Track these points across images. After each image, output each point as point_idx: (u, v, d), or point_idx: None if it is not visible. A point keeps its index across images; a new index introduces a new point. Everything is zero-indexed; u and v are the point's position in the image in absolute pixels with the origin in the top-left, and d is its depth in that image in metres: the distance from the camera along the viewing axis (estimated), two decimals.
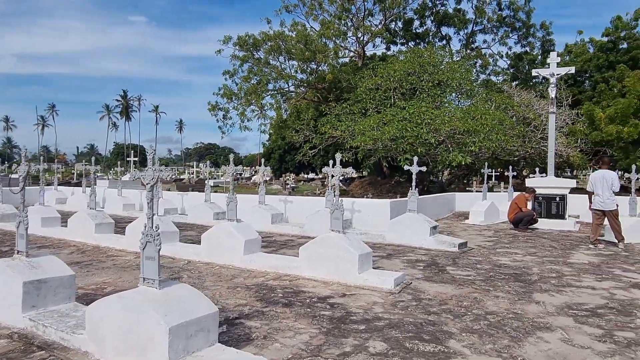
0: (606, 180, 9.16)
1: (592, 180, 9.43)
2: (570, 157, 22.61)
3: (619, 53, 30.93)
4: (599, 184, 9.23)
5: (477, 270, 6.97)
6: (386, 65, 21.15)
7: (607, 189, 9.11)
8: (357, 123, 19.21)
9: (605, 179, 9.17)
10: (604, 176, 9.21)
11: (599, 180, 9.24)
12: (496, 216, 13.48)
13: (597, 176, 9.35)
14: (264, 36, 22.25)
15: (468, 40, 29.26)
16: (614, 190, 9.17)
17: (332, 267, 6.11)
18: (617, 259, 8.04)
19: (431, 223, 9.12)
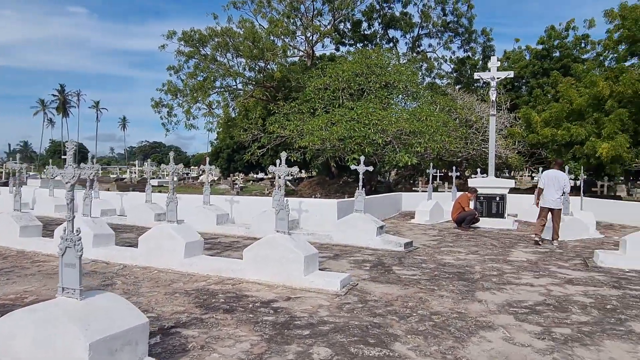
0: (558, 180, 9.56)
1: (545, 179, 9.70)
2: (508, 158, 23.69)
3: (552, 60, 32.87)
4: (550, 183, 9.58)
5: (423, 269, 7.01)
6: (335, 65, 21.20)
7: (558, 189, 9.52)
8: (306, 123, 19.10)
9: (557, 179, 9.56)
10: (556, 176, 9.60)
11: (551, 180, 9.60)
12: (440, 215, 13.79)
13: (550, 175, 9.67)
14: (211, 32, 21.65)
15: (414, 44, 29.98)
16: (565, 191, 9.60)
17: (277, 270, 5.92)
18: (553, 256, 8.39)
19: (378, 223, 9.13)
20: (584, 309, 5.08)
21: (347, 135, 17.72)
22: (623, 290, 5.94)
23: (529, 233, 11.29)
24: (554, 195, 9.55)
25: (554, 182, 9.53)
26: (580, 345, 4.00)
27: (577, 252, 8.76)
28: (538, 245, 9.47)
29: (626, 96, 13.80)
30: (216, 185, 39.47)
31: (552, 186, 9.54)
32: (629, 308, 5.14)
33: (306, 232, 9.72)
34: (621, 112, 13.64)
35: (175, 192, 6.96)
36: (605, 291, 5.89)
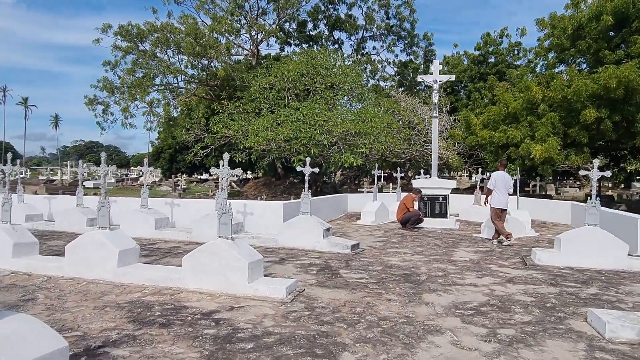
0: (506, 181, 9.82)
1: (495, 180, 9.84)
2: (449, 159, 24.51)
3: (488, 66, 34.49)
4: (501, 184, 9.79)
5: (370, 272, 6.94)
6: (280, 65, 20.94)
7: (507, 189, 9.78)
8: (251, 123, 18.70)
9: (506, 180, 9.83)
10: (504, 177, 9.85)
11: (500, 181, 9.81)
12: (386, 216, 13.91)
13: (499, 177, 9.86)
14: (150, 27, 20.67)
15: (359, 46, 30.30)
16: (510, 192, 9.88)
17: (220, 278, 5.60)
18: (493, 255, 8.63)
19: (324, 225, 9.00)
20: (526, 308, 5.18)
21: (292, 136, 17.52)
22: (560, 288, 6.15)
23: (471, 232, 11.64)
24: (506, 195, 9.82)
25: (503, 183, 9.79)
26: (525, 346, 4.03)
27: (516, 251, 9.08)
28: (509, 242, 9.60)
29: (556, 101, 14.60)
30: (157, 187, 37.94)
31: (503, 187, 9.79)
32: (566, 305, 5.30)
33: (251, 236, 9.41)
34: (552, 116, 14.41)
35: (107, 195, 6.44)
36: (544, 289, 6.07)
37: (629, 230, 8.80)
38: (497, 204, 9.82)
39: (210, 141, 20.03)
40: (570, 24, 15.86)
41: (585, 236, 7.54)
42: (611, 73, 12.81)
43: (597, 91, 13.42)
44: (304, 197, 9.08)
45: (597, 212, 7.54)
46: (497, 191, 9.78)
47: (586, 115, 13.37)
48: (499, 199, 9.81)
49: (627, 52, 14.32)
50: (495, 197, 9.83)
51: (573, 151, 14.70)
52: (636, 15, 14.31)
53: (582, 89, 13.29)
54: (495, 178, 9.84)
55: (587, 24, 15.34)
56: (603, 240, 7.43)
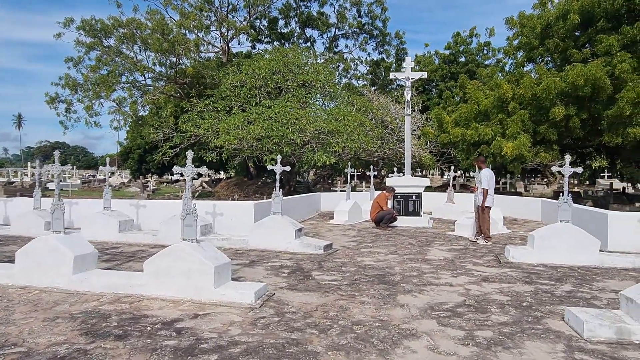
0: (494, 178, 9.68)
1: (488, 179, 9.55)
2: (422, 157, 24.59)
3: (459, 65, 34.91)
4: (493, 182, 9.62)
5: (343, 273, 6.71)
6: (251, 62, 20.52)
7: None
8: (222, 121, 18.21)
9: (493, 177, 9.69)
10: (492, 175, 9.71)
11: (492, 179, 9.63)
12: (359, 215, 13.75)
13: (491, 175, 9.66)
14: (115, 22, 19.92)
15: (331, 44, 30.13)
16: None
17: (184, 283, 5.26)
18: (467, 253, 8.54)
19: (296, 225, 8.73)
20: (502, 308, 5.04)
21: (264, 135, 17.15)
22: (535, 286, 6.07)
23: (444, 230, 11.57)
24: (493, 194, 9.70)
25: (492, 181, 9.65)
26: (503, 349, 3.87)
27: (489, 249, 9.02)
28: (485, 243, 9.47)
29: (526, 99, 14.75)
30: (126, 188, 36.84)
31: (493, 185, 9.65)
32: (542, 304, 5.20)
33: (220, 237, 9.05)
34: (522, 114, 14.54)
35: (61, 197, 6.00)
36: (519, 287, 5.98)
37: (599, 226, 8.87)
38: (490, 202, 9.62)
39: (179, 140, 19.43)
40: (538, 23, 16.09)
41: (558, 233, 7.51)
42: (579, 71, 13.01)
43: (565, 89, 13.61)
44: (274, 196, 8.79)
45: (569, 209, 7.52)
46: (491, 190, 9.60)
47: (555, 113, 13.55)
48: (491, 198, 9.62)
49: (594, 51, 14.60)
50: (489, 197, 9.58)
51: (542, 148, 14.90)
52: (601, 15, 14.59)
53: (551, 87, 13.46)
54: (489, 176, 9.59)
55: (555, 22, 15.59)
56: (575, 236, 7.42)
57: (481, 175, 9.56)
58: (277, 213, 8.74)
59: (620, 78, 13.34)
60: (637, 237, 8.38)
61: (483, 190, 9.53)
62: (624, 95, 12.74)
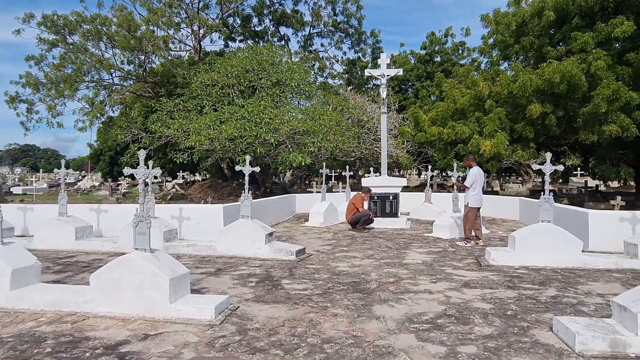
0: (482, 177, 9.29)
1: (476, 177, 9.14)
2: (399, 157, 24.36)
3: (435, 65, 34.94)
4: (480, 180, 9.20)
5: (315, 281, 6.24)
6: (223, 60, 19.89)
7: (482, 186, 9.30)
8: (192, 121, 17.55)
9: (482, 176, 9.31)
10: (481, 173, 9.30)
11: (480, 177, 9.22)
12: (335, 217, 13.31)
13: (479, 173, 9.24)
14: (78, 17, 19.00)
15: (306, 43, 29.65)
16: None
17: (136, 298, 4.71)
18: (446, 256, 8.18)
19: (267, 229, 8.22)
20: (486, 317, 4.65)
21: (237, 135, 16.58)
22: (518, 291, 5.72)
23: (422, 232, 11.22)
24: (481, 193, 9.28)
25: (481, 180, 9.24)
26: None
27: (469, 250, 8.69)
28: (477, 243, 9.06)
29: (502, 97, 14.57)
30: (95, 192, 35.59)
31: (480, 184, 9.21)
32: (528, 312, 4.83)
33: (186, 244, 8.47)
34: (499, 112, 14.36)
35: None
36: (502, 293, 5.61)
37: (580, 226, 8.64)
38: (477, 202, 9.14)
39: (149, 141, 18.67)
40: (514, 20, 15.97)
41: (540, 234, 7.21)
42: (555, 68, 12.87)
43: (541, 86, 13.47)
44: (243, 199, 8.26)
45: (550, 208, 7.23)
46: (478, 188, 9.14)
47: (532, 111, 13.39)
48: (477, 197, 9.15)
49: (569, 49, 14.54)
50: (476, 196, 9.11)
51: (519, 146, 14.75)
52: (576, 12, 14.53)
53: (528, 84, 13.29)
54: (476, 175, 9.15)
55: (530, 20, 15.49)
56: (557, 237, 7.13)
57: (469, 173, 9.23)
58: (247, 217, 8.22)
59: (596, 75, 13.27)
60: (617, 236, 8.16)
61: (462, 186, 9.22)
62: (600, 93, 12.66)
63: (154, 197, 8.78)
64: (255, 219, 8.40)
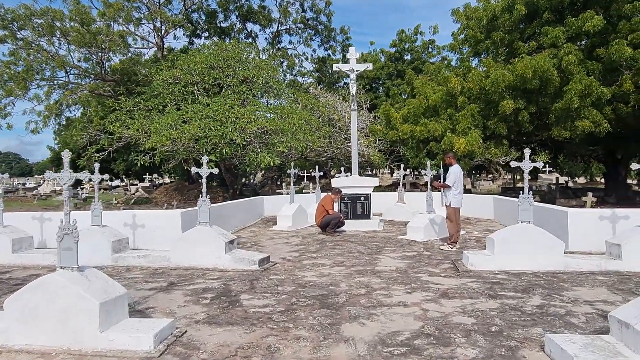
0: (462, 176, 8.75)
1: (459, 176, 8.56)
2: (371, 156, 23.90)
3: (405, 63, 34.75)
4: (461, 179, 8.65)
5: (278, 295, 5.58)
6: (186, 57, 18.96)
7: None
8: (154, 121, 16.58)
9: (462, 175, 8.77)
10: (461, 172, 8.75)
11: (461, 176, 8.65)
12: (305, 219, 12.68)
13: (460, 172, 8.66)
14: (27, 11, 17.72)
15: (274, 40, 28.88)
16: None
17: (59, 327, 3.95)
18: (421, 260, 7.64)
19: (227, 237, 7.50)
20: (469, 336, 4.09)
21: (201, 135, 15.72)
22: (501, 300, 5.21)
23: (396, 234, 10.69)
24: (462, 192, 8.73)
25: (462, 178, 8.69)
26: None
27: (445, 254, 8.19)
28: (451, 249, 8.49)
29: (474, 93, 14.25)
30: (56, 197, 33.86)
31: (461, 183, 8.65)
32: (514, 327, 4.31)
33: (137, 255, 7.66)
34: (472, 108, 14.03)
35: None
36: (484, 304, 5.09)
37: (559, 225, 8.26)
38: (459, 203, 8.59)
39: (107, 143, 17.58)
40: (485, 15, 15.70)
41: (519, 235, 6.76)
42: (527, 63, 12.59)
43: (513, 82, 13.18)
44: (201, 204, 7.52)
45: (530, 208, 6.79)
46: (460, 188, 8.59)
47: (504, 107, 13.09)
48: (461, 197, 8.61)
49: (540, 43, 14.32)
50: (458, 195, 8.55)
51: (492, 144, 14.46)
52: (546, 7, 14.35)
53: (500, 79, 12.98)
54: (458, 173, 8.58)
55: (501, 15, 15.23)
56: (538, 239, 6.69)
57: (450, 171, 8.70)
58: (205, 223, 7.48)
59: (567, 70, 13.07)
60: (597, 235, 7.82)
61: (444, 185, 8.70)
62: (572, 88, 12.44)
63: (101, 203, 7.93)
64: (215, 226, 7.67)
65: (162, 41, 23.59)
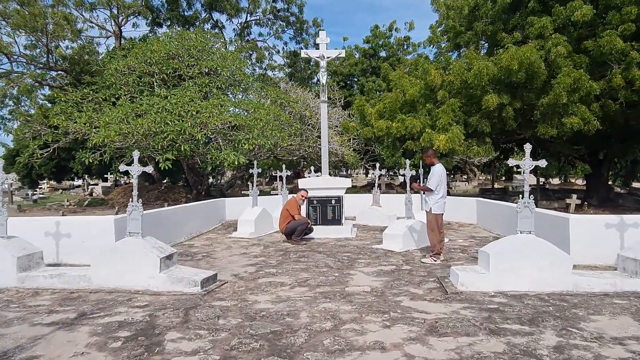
0: (445, 177, 7.49)
1: (442, 177, 7.31)
2: (344, 155, 22.65)
3: (379, 60, 33.73)
4: (444, 181, 7.37)
5: (217, 333, 4.22)
6: (143, 45, 17.30)
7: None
8: (104, 114, 14.91)
9: (445, 175, 7.51)
10: (444, 172, 7.47)
11: (444, 177, 7.40)
12: (269, 225, 11.33)
13: (444, 172, 7.40)
14: None
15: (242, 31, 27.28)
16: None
17: None
18: (401, 278, 6.38)
19: (164, 251, 6.08)
20: None
21: (157, 130, 14.15)
22: (505, 338, 3.99)
23: (370, 242, 9.42)
24: (446, 196, 7.48)
25: (445, 180, 7.47)
26: None
27: (428, 268, 6.96)
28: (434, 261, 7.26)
29: (455, 87, 13.16)
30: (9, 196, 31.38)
31: (445, 185, 7.39)
32: None
33: (50, 273, 6.13)
34: (453, 102, 12.93)
35: None
36: (485, 344, 3.86)
37: (560, 234, 7.16)
38: (441, 208, 7.34)
39: (51, 138, 15.79)
40: (466, 4, 14.64)
41: (519, 249, 5.58)
42: (513, 54, 11.55)
43: (497, 75, 12.15)
44: (131, 209, 6.09)
45: (531, 215, 5.63)
46: (441, 191, 7.32)
47: (488, 102, 12.02)
48: (443, 202, 7.35)
49: (525, 34, 13.34)
50: (440, 200, 7.30)
51: (474, 142, 13.41)
52: None
53: (484, 72, 11.91)
54: (441, 174, 7.32)
55: (484, 4, 14.21)
56: (542, 253, 5.52)
57: (432, 172, 7.45)
58: (136, 234, 6.04)
59: (554, 63, 12.12)
60: (604, 246, 6.75)
61: (425, 188, 7.44)
62: (560, 81, 11.46)
63: (6, 208, 6.37)
64: (150, 237, 6.23)
65: (119, 30, 21.78)
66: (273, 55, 29.14)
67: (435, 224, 7.34)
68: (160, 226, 9.25)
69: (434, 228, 7.35)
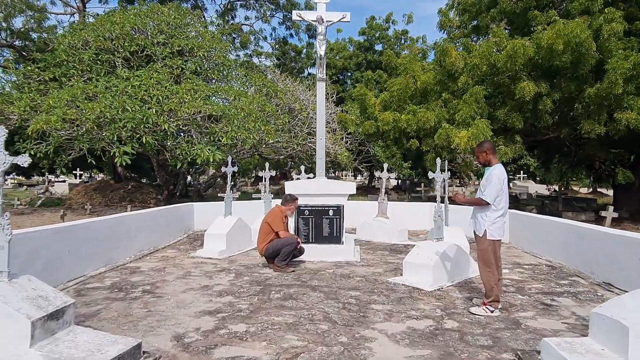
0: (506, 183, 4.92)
1: (504, 184, 4.78)
2: (337, 155, 20.10)
3: (375, 53, 31.44)
4: (506, 190, 4.86)
5: None
6: (102, 17, 14.63)
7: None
8: (50, 96, 12.22)
9: (506, 181, 4.94)
10: (505, 177, 4.85)
11: (506, 184, 4.85)
12: (247, 239, 8.77)
13: (505, 177, 4.82)
14: None
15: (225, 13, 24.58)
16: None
17: None
18: (451, 346, 3.84)
19: (47, 305, 3.48)
20: None
21: (115, 116, 11.53)
22: None
23: (382, 270, 6.85)
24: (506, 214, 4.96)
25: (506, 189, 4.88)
26: None
27: (487, 328, 4.44)
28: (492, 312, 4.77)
29: (481, 72, 10.71)
30: None
31: (506, 197, 4.86)
32: None
33: None
34: (477, 91, 10.50)
35: None
36: None
37: None
38: (501, 231, 4.81)
39: None
40: None
41: None
42: (559, 30, 9.20)
43: (535, 58, 9.78)
44: None
45: None
46: (501, 205, 4.80)
47: (524, 90, 9.64)
48: (503, 222, 4.83)
49: (566, 10, 11.02)
50: (498, 220, 4.78)
51: (501, 140, 11.02)
52: None
53: (520, 53, 9.53)
54: (504, 180, 4.78)
55: None
56: None
57: (489, 176, 4.94)
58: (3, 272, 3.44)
59: (604, 46, 9.79)
60: None
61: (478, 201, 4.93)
62: (616, 66, 9.12)
63: None
64: (26, 278, 3.63)
65: (83, 5, 18.99)
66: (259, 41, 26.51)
67: (492, 256, 4.85)
68: (94, 241, 6.68)
69: (490, 262, 4.85)
